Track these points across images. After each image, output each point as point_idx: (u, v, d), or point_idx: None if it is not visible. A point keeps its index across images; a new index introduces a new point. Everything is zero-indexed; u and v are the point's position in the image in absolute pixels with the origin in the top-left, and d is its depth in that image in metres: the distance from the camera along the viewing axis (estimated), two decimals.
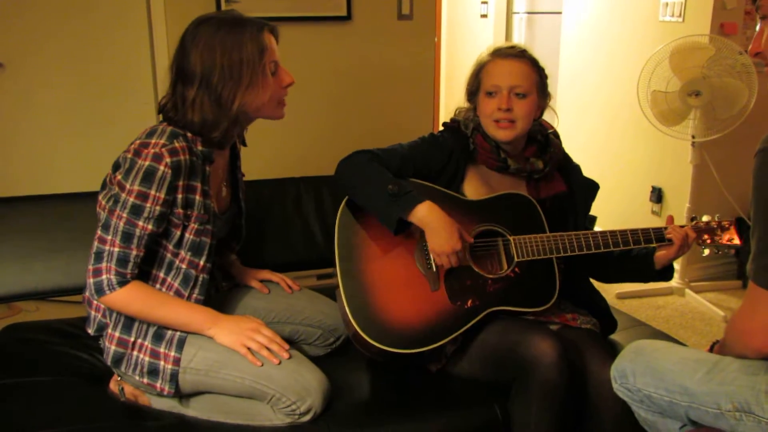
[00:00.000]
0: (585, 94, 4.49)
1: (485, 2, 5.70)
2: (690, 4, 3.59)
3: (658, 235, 1.92)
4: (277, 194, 2.42)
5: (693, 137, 3.44)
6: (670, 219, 1.97)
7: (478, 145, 1.96)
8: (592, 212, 2.27)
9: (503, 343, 1.81)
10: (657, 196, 3.94)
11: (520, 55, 1.92)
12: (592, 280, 2.13)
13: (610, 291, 3.52)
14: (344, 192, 1.93)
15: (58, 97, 3.23)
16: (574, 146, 4.47)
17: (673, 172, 3.82)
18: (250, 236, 2.09)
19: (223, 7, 3.24)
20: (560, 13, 4.70)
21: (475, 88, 1.97)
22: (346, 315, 1.81)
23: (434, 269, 1.87)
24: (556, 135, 2.06)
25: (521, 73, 1.89)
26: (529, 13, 5.44)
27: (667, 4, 3.72)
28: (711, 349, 1.60)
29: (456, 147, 1.97)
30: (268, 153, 3.27)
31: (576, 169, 2.09)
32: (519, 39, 5.52)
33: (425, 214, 1.78)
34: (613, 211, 4.10)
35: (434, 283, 1.87)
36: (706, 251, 1.98)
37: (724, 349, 1.52)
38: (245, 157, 2.03)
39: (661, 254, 1.94)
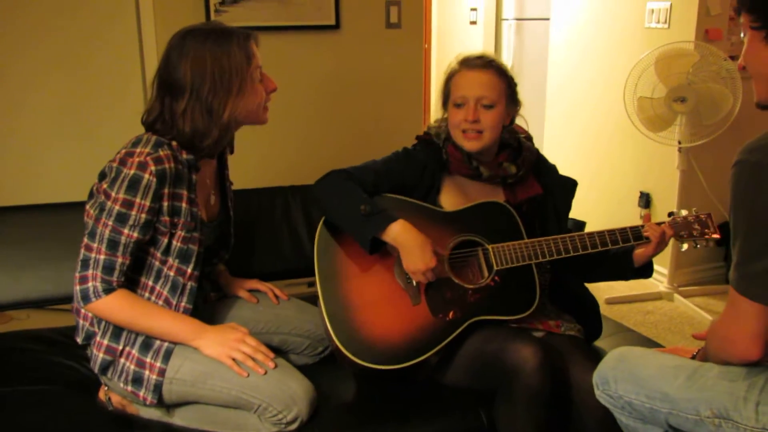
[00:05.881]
0: (573, 99, 4.52)
1: (474, 9, 5.74)
2: (675, 11, 3.63)
3: (635, 234, 1.94)
4: (265, 203, 2.43)
5: (679, 143, 3.47)
6: (647, 217, 1.99)
7: (450, 155, 1.97)
8: (581, 217, 2.28)
9: (486, 351, 1.82)
10: (645, 201, 3.94)
11: (486, 65, 1.91)
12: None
13: (599, 296, 3.53)
14: (321, 212, 1.96)
15: (46, 105, 3.22)
16: (562, 152, 4.54)
17: (660, 177, 3.83)
18: (239, 245, 2.10)
19: (212, 14, 3.25)
20: (548, 19, 4.74)
21: (445, 97, 1.98)
22: (329, 333, 1.82)
23: (414, 283, 1.88)
24: (529, 138, 2.07)
25: (488, 84, 1.89)
26: (518, 19, 5.48)
27: (652, 10, 3.75)
28: (694, 357, 1.61)
29: (429, 160, 1.98)
30: (257, 161, 3.28)
31: (552, 169, 2.10)
32: (508, 45, 5.56)
33: (398, 233, 1.80)
34: (602, 217, 4.12)
35: (415, 297, 1.87)
36: (685, 246, 1.98)
37: (706, 355, 1.53)
38: (234, 165, 2.04)
39: (639, 252, 1.96)
